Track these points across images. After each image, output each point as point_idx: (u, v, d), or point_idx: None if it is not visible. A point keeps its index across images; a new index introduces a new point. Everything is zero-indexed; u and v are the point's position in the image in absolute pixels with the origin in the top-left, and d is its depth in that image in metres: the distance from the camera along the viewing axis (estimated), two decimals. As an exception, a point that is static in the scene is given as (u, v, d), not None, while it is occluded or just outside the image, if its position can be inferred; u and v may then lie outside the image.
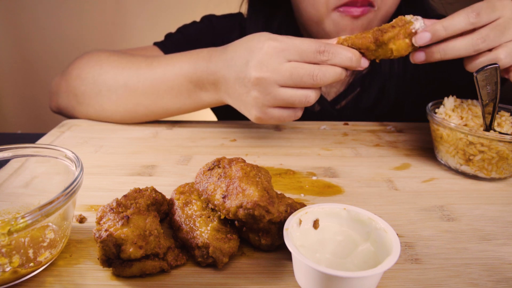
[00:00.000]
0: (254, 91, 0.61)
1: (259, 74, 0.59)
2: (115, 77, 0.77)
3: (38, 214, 0.36)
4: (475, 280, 0.40)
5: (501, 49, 0.57)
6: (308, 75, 0.58)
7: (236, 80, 0.63)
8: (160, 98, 0.75)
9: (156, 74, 0.74)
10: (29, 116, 2.30)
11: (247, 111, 0.65)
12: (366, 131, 0.82)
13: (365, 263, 0.40)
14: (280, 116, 0.64)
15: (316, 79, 0.58)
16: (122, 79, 0.76)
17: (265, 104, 0.62)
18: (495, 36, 0.56)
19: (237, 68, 0.63)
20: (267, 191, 0.40)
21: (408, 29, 0.59)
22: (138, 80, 0.75)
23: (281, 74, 0.59)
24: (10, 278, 0.38)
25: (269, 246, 0.43)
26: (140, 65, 0.76)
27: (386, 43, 0.59)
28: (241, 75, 0.62)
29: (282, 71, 0.58)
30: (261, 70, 0.59)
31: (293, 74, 0.58)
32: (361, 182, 0.61)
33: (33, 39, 2.13)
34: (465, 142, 0.59)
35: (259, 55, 0.59)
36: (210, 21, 0.98)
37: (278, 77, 0.59)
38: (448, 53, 0.58)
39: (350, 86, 0.92)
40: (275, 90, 0.60)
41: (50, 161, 0.48)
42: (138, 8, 2.11)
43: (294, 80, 0.59)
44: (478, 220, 0.51)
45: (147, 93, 0.75)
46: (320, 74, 0.58)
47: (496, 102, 0.58)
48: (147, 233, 0.40)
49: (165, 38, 0.97)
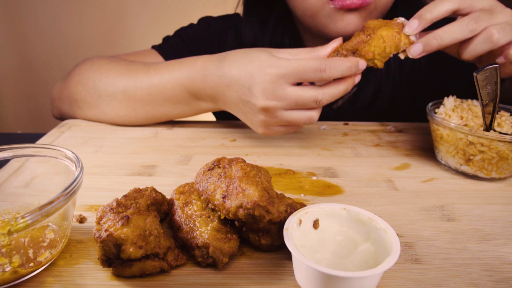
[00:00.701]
0: (261, 115, 0.64)
1: (265, 103, 0.62)
2: (114, 83, 0.77)
3: (38, 214, 0.36)
4: (475, 280, 0.40)
5: (493, 27, 0.56)
6: (313, 101, 0.61)
7: (240, 101, 0.65)
8: (159, 105, 0.76)
9: (153, 82, 0.75)
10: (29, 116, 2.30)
11: (253, 126, 0.69)
12: (366, 131, 0.82)
13: (365, 263, 0.40)
14: (286, 131, 0.68)
15: (320, 103, 0.61)
16: (121, 85, 0.77)
17: (271, 124, 0.66)
18: (485, 16, 0.56)
19: (239, 90, 0.64)
20: (267, 191, 0.40)
21: (393, 21, 0.61)
22: (136, 87, 0.76)
23: (287, 101, 0.61)
24: (10, 278, 0.38)
25: (269, 246, 0.43)
26: (138, 71, 0.77)
27: (375, 31, 0.60)
28: (245, 98, 0.64)
29: (287, 98, 0.61)
30: (267, 99, 0.62)
31: (298, 101, 0.61)
32: (361, 182, 0.61)
33: (33, 39, 2.13)
34: (465, 142, 0.59)
35: (262, 83, 0.61)
36: (207, 22, 0.99)
37: (284, 104, 0.62)
38: (444, 38, 0.57)
39: None
40: (281, 114, 0.63)
41: (50, 161, 0.48)
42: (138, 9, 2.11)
43: (300, 105, 0.62)
44: (478, 220, 0.51)
45: (145, 100, 0.76)
46: (323, 99, 0.61)
47: (496, 102, 0.58)
48: (147, 233, 0.40)
49: (163, 41, 0.97)
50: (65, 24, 2.11)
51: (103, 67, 0.80)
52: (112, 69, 0.79)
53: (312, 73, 0.59)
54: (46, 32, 2.12)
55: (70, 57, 2.16)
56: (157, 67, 0.76)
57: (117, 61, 0.82)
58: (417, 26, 0.59)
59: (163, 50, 0.93)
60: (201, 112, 0.77)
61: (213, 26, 0.98)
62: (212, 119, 0.98)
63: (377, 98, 0.92)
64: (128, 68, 0.79)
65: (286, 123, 0.65)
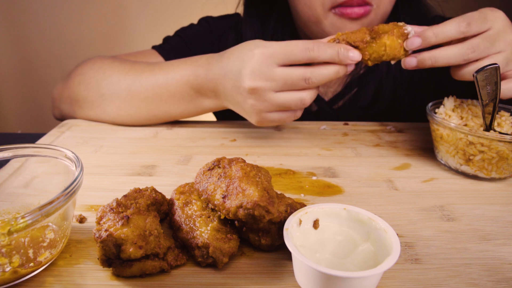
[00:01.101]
0: (250, 99, 0.63)
1: (253, 84, 0.61)
2: (118, 81, 0.78)
3: (38, 214, 0.36)
4: (475, 280, 0.40)
5: (487, 60, 0.58)
6: (301, 79, 0.60)
7: (233, 89, 0.65)
8: (162, 103, 0.76)
9: (158, 80, 0.75)
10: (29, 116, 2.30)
11: (248, 117, 0.68)
12: (366, 131, 0.82)
13: (365, 263, 0.40)
14: (280, 118, 0.66)
15: (309, 81, 0.60)
16: (125, 83, 0.77)
17: (263, 110, 0.64)
18: (485, 47, 0.58)
19: (232, 76, 0.64)
20: (267, 191, 0.40)
21: (402, 28, 0.60)
22: (140, 84, 0.76)
23: (275, 81, 0.60)
24: (10, 278, 0.38)
25: (269, 246, 0.43)
26: (143, 70, 0.78)
27: (381, 37, 0.60)
28: (236, 83, 0.64)
29: (275, 78, 0.60)
30: (255, 79, 0.61)
31: (287, 80, 0.60)
32: (361, 182, 0.61)
33: (33, 39, 2.13)
34: (465, 142, 0.59)
35: (250, 63, 0.61)
36: (208, 22, 0.99)
37: (272, 84, 0.60)
38: (438, 60, 0.59)
39: (347, 86, 0.92)
40: (271, 96, 0.62)
41: (50, 161, 0.48)
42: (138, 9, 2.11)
43: (289, 85, 0.61)
44: (478, 220, 0.51)
45: (149, 98, 0.76)
46: (312, 77, 0.60)
47: (496, 102, 0.58)
48: (147, 233, 0.40)
49: (164, 42, 0.97)
50: (65, 24, 2.11)
51: (106, 67, 0.80)
52: (115, 68, 0.79)
53: (299, 52, 0.59)
54: (46, 32, 2.12)
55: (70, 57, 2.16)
56: (162, 66, 0.77)
57: (120, 61, 0.82)
58: (418, 46, 0.60)
59: (163, 50, 0.93)
60: (202, 111, 0.76)
61: (213, 26, 0.98)
62: (212, 119, 0.98)
63: (378, 98, 0.92)
64: (132, 68, 0.79)
65: (277, 107, 0.63)
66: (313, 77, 0.60)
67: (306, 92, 0.62)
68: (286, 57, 0.59)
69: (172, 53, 0.93)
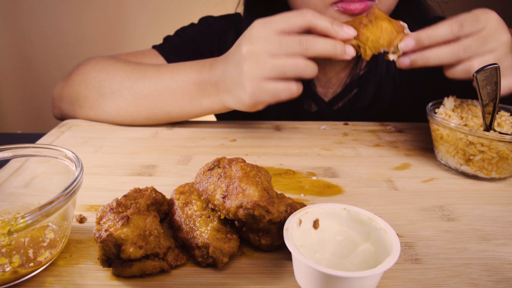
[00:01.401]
0: (246, 65, 0.62)
1: (249, 47, 0.62)
2: (121, 81, 0.78)
3: (38, 214, 0.36)
4: (475, 280, 0.40)
5: (476, 58, 0.59)
6: (296, 42, 0.61)
7: (232, 65, 0.66)
8: (162, 102, 0.76)
9: (161, 79, 0.76)
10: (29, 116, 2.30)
11: (242, 90, 0.65)
12: (366, 131, 0.82)
13: (365, 263, 0.40)
14: (275, 89, 0.63)
15: (303, 45, 0.60)
16: (129, 82, 0.77)
17: (257, 76, 0.62)
18: (477, 47, 0.59)
19: (233, 55, 0.66)
20: (267, 191, 0.40)
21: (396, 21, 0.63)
22: (143, 83, 0.76)
23: (270, 42, 0.61)
24: (10, 278, 0.38)
25: (269, 246, 0.43)
26: (147, 70, 0.78)
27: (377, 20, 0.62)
28: (235, 57, 0.65)
29: (270, 40, 0.61)
30: (251, 44, 0.62)
31: (282, 41, 0.60)
32: (361, 182, 0.61)
33: (33, 39, 2.13)
34: (465, 142, 0.59)
35: (248, 33, 0.63)
36: (208, 22, 0.99)
37: (267, 46, 0.61)
38: (430, 60, 0.61)
39: (347, 87, 0.92)
40: (266, 60, 0.61)
41: (50, 161, 0.48)
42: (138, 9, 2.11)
43: (283, 47, 0.60)
44: (478, 220, 0.51)
45: (149, 96, 0.76)
46: (308, 42, 0.60)
47: (496, 102, 0.58)
48: (147, 233, 0.40)
49: (164, 41, 0.97)
50: (65, 24, 2.11)
51: (110, 67, 0.80)
52: (120, 69, 0.80)
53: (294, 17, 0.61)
54: (46, 32, 2.12)
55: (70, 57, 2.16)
56: (168, 67, 0.78)
57: (124, 62, 0.82)
58: (411, 47, 0.61)
59: (164, 50, 0.93)
60: (200, 111, 0.76)
61: (213, 25, 0.98)
62: (212, 118, 0.98)
63: (378, 98, 0.92)
64: (136, 68, 0.79)
65: (272, 71, 0.61)
66: (309, 42, 0.60)
67: (301, 60, 0.61)
68: (282, 22, 0.61)
69: (172, 53, 0.93)
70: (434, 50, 0.60)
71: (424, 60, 0.61)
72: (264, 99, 0.64)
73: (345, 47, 0.62)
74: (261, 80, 0.63)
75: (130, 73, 0.78)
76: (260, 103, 0.66)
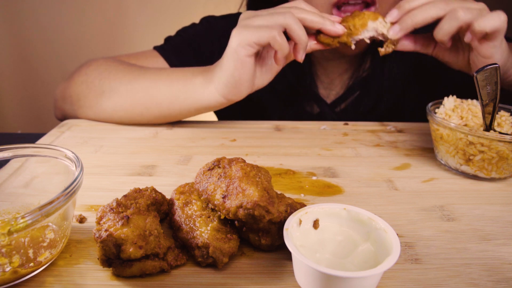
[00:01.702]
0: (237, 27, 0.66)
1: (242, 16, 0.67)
2: (121, 80, 0.78)
3: (38, 214, 0.36)
4: (475, 280, 0.40)
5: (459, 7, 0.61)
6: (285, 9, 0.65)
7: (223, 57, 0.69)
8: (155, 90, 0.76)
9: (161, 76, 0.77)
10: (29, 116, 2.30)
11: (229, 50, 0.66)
12: (366, 131, 0.82)
13: (365, 263, 0.40)
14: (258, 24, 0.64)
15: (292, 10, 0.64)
16: (127, 80, 0.78)
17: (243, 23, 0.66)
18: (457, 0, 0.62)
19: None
20: (267, 191, 0.40)
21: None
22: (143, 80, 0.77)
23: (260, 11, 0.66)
24: (10, 278, 0.38)
25: (269, 246, 0.43)
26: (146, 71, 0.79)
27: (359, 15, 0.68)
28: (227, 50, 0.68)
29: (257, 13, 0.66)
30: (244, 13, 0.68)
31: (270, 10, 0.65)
32: (361, 182, 0.61)
33: (33, 39, 2.13)
34: (465, 142, 0.59)
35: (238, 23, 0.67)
36: (209, 22, 0.98)
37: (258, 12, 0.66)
38: (418, 16, 0.64)
39: (349, 89, 0.92)
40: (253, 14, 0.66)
41: (50, 161, 0.48)
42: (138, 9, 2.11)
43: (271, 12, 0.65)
44: (478, 220, 0.51)
45: (145, 90, 0.76)
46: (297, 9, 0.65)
47: (496, 102, 0.58)
48: (147, 233, 0.40)
49: (165, 42, 0.97)
50: (65, 24, 2.11)
51: (112, 69, 0.81)
52: (120, 70, 0.80)
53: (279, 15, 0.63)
54: (46, 32, 2.12)
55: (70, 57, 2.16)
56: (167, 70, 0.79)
57: (125, 63, 0.82)
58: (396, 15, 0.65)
59: (165, 51, 0.93)
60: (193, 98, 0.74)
61: (214, 25, 0.98)
62: (212, 118, 0.98)
63: (380, 102, 0.92)
64: (138, 69, 0.80)
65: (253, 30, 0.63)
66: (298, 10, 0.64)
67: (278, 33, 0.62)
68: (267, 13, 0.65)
69: (173, 53, 0.93)
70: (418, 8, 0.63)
71: (412, 17, 0.63)
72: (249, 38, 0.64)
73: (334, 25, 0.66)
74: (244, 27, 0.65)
75: (129, 73, 0.79)
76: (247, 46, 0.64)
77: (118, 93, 0.78)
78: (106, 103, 0.79)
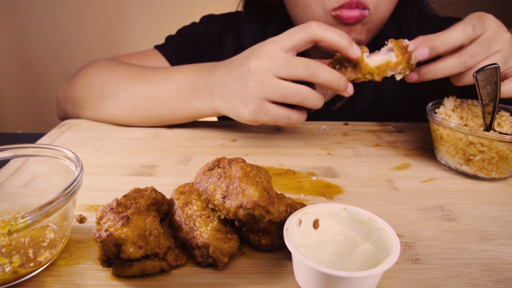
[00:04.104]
0: (251, 81, 0.62)
1: (257, 62, 0.61)
2: (121, 82, 0.78)
3: (38, 214, 0.36)
4: (475, 280, 0.40)
5: (485, 62, 0.58)
6: (302, 65, 0.60)
7: (234, 76, 0.65)
8: (156, 102, 0.76)
9: (159, 81, 0.76)
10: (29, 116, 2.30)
11: (243, 105, 0.65)
12: (366, 131, 0.82)
13: (365, 263, 0.40)
14: (275, 113, 0.63)
15: (310, 70, 0.59)
16: (127, 83, 0.78)
17: (261, 95, 0.62)
18: (483, 51, 0.58)
19: (237, 65, 0.65)
20: (267, 191, 0.40)
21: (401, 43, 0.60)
22: (141, 84, 0.77)
23: (276, 61, 0.60)
24: (10, 278, 0.38)
25: (269, 246, 0.43)
26: (146, 72, 0.78)
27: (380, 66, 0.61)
28: (239, 69, 0.64)
29: (277, 59, 0.60)
30: (259, 60, 0.61)
31: (288, 62, 0.60)
32: (361, 182, 0.61)
33: (33, 39, 2.13)
34: (465, 142, 0.59)
35: (258, 49, 0.62)
36: (209, 21, 0.99)
37: (273, 64, 0.60)
38: (439, 72, 0.60)
39: None
40: (271, 80, 0.61)
41: (50, 161, 0.48)
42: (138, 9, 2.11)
43: (289, 68, 0.60)
44: (478, 220, 0.51)
45: (146, 97, 0.76)
46: (314, 65, 0.59)
47: (496, 102, 0.58)
48: (147, 233, 0.40)
49: (166, 41, 0.97)
50: (65, 24, 2.11)
51: (111, 70, 0.81)
52: (121, 71, 0.80)
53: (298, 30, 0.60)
54: (46, 32, 2.12)
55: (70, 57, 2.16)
56: (168, 69, 0.78)
57: (126, 65, 0.83)
58: (425, 56, 0.60)
59: (165, 50, 0.93)
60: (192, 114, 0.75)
61: (214, 24, 0.98)
62: (212, 119, 0.98)
63: (376, 103, 0.92)
64: (137, 70, 0.80)
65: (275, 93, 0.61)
66: (316, 69, 0.59)
67: (305, 87, 0.61)
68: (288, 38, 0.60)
69: (174, 52, 0.93)
70: (442, 62, 0.60)
71: (433, 73, 0.60)
72: (263, 120, 0.65)
73: (347, 84, 0.62)
74: (264, 101, 0.63)
75: (129, 75, 0.79)
76: (258, 122, 0.66)
77: (118, 97, 0.78)
78: (107, 106, 0.79)
